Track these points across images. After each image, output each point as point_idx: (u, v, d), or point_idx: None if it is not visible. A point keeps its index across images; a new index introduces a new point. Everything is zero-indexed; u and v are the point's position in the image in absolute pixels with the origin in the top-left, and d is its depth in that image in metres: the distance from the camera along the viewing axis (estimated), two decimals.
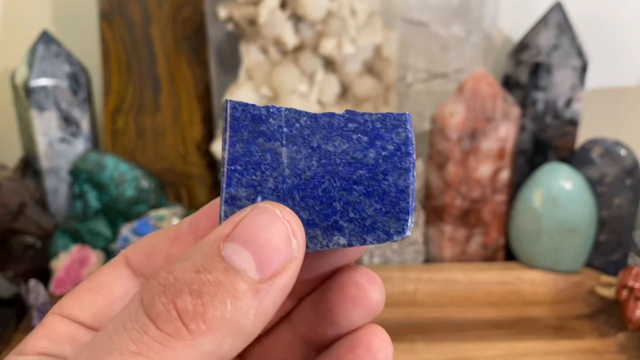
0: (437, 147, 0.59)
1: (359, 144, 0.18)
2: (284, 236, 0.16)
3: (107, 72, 0.63)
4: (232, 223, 0.16)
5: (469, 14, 0.61)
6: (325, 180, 0.18)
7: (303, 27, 0.60)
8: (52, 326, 0.19)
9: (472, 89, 0.57)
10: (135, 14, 0.62)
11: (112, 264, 0.20)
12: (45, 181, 0.61)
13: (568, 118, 0.61)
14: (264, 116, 0.18)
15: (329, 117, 0.18)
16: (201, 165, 0.67)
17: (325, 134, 0.18)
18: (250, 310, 0.15)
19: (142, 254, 0.20)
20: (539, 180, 0.58)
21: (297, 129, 0.18)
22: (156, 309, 0.15)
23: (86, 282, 0.20)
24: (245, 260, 0.15)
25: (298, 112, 0.18)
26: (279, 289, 0.16)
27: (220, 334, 0.15)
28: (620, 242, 0.61)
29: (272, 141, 0.18)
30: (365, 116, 0.18)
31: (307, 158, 0.18)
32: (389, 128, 0.18)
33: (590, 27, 0.66)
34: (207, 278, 0.15)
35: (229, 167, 0.18)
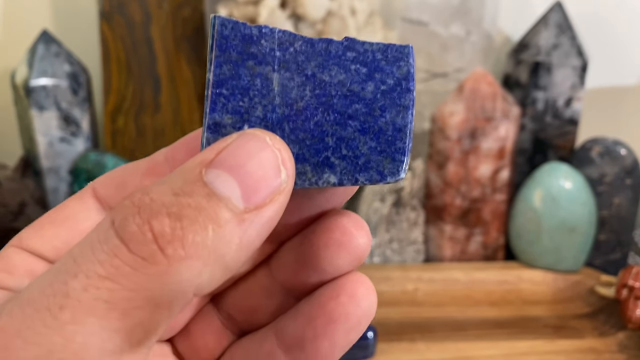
0: (437, 147, 0.59)
1: (357, 76, 0.17)
2: (273, 165, 0.15)
3: (107, 71, 0.63)
4: (216, 149, 0.15)
5: (468, 14, 0.61)
6: (318, 112, 0.16)
7: (303, 26, 0.60)
8: (9, 258, 0.17)
9: (472, 88, 0.57)
10: (135, 13, 0.62)
11: (77, 196, 0.19)
12: (45, 181, 0.61)
13: (568, 117, 0.61)
14: (256, 36, 0.16)
15: (327, 43, 0.17)
16: None
17: (321, 61, 0.17)
18: (233, 239, 0.14)
19: (112, 185, 0.18)
20: (539, 180, 0.58)
21: (290, 53, 0.17)
22: (129, 229, 0.13)
23: (49, 213, 0.18)
24: (229, 187, 0.14)
25: (293, 35, 0.17)
26: (264, 220, 0.15)
27: (199, 262, 0.13)
28: (620, 242, 0.61)
29: (262, 65, 0.16)
30: (366, 45, 0.17)
31: (300, 87, 0.17)
32: (390, 60, 0.17)
33: (590, 27, 0.66)
34: (187, 201, 0.14)
35: (214, 91, 0.16)
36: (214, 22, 0.16)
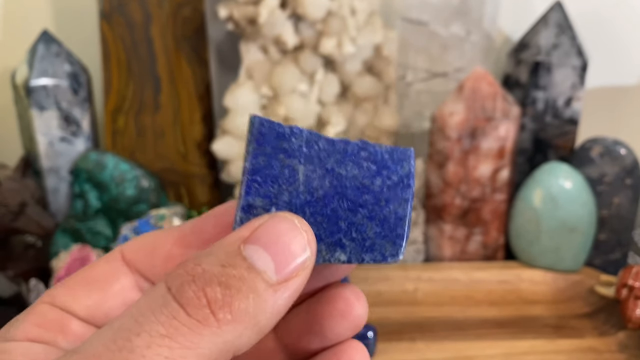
0: (437, 147, 0.59)
1: (368, 172, 0.20)
2: (301, 244, 0.17)
3: (107, 71, 0.63)
4: (251, 227, 0.17)
5: (468, 14, 0.61)
6: (334, 200, 0.19)
7: (303, 26, 0.60)
8: (43, 314, 0.19)
9: (472, 88, 0.57)
10: (136, 13, 0.62)
11: (107, 258, 0.20)
12: (45, 181, 0.61)
13: (568, 117, 0.61)
14: (287, 135, 0.20)
15: (345, 143, 0.20)
16: (201, 164, 0.67)
17: (339, 158, 0.20)
18: (267, 307, 0.16)
19: (142, 251, 0.20)
20: (539, 180, 0.58)
21: (315, 150, 0.20)
22: (186, 295, 0.16)
23: (80, 274, 0.20)
24: (265, 261, 0.17)
25: (318, 135, 0.20)
26: (291, 291, 0.17)
27: (241, 326, 0.16)
28: (620, 241, 0.61)
29: (291, 158, 0.19)
30: (377, 147, 0.20)
31: (321, 178, 0.19)
32: (395, 160, 0.20)
33: (590, 26, 0.66)
34: (232, 272, 0.16)
35: (249, 177, 0.19)
36: (253, 121, 0.19)
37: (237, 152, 0.64)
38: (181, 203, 0.66)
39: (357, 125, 0.64)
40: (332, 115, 0.62)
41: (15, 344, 0.18)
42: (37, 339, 0.18)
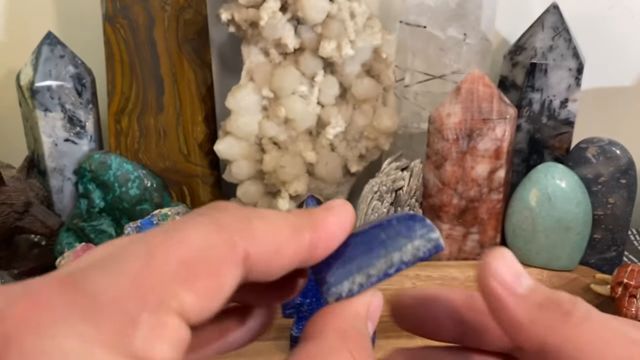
0: (434, 147, 0.59)
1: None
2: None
3: (111, 73, 0.64)
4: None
5: (466, 17, 0.62)
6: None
7: (303, 29, 0.61)
8: (175, 330, 0.16)
9: (469, 89, 0.58)
10: (139, 16, 0.63)
11: (232, 259, 0.17)
12: (50, 180, 0.62)
13: (564, 118, 0.62)
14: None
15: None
16: (204, 164, 0.68)
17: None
18: None
19: (264, 254, 0.18)
20: (535, 180, 0.59)
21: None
22: None
23: (208, 276, 0.17)
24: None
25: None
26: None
27: None
28: (615, 240, 0.61)
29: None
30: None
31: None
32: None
33: (586, 29, 0.67)
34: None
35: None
36: None
37: (239, 152, 0.65)
38: (184, 203, 0.67)
39: (356, 127, 0.64)
40: (331, 117, 0.63)
41: None
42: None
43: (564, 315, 0.20)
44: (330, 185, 0.66)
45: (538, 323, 0.20)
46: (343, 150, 0.65)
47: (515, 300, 0.21)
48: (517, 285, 0.21)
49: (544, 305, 0.21)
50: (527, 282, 0.21)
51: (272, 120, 0.63)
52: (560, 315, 0.20)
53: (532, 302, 0.21)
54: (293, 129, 0.63)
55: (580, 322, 0.20)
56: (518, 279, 0.21)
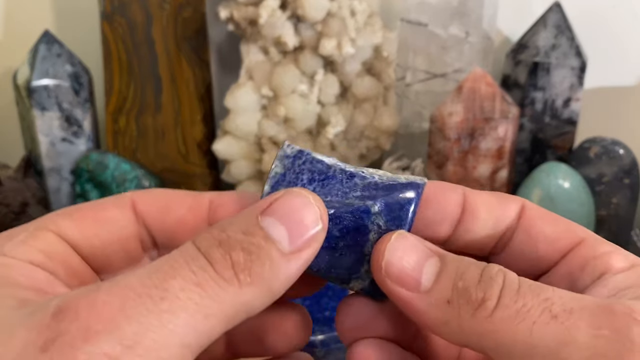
0: (436, 147, 0.59)
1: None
2: (313, 218, 0.19)
3: (108, 72, 0.64)
4: (269, 200, 0.19)
5: (467, 15, 0.62)
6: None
7: (303, 27, 0.60)
8: (48, 242, 0.19)
9: (470, 88, 0.57)
10: (137, 14, 0.63)
11: (118, 202, 0.21)
12: (47, 181, 0.62)
13: (566, 118, 0.62)
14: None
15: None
16: (202, 164, 0.67)
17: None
18: (280, 274, 0.18)
19: (155, 207, 0.21)
20: (538, 180, 0.59)
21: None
22: (215, 256, 0.17)
23: (88, 209, 0.20)
24: (280, 232, 0.18)
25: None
26: (302, 262, 0.18)
27: (257, 289, 0.17)
28: (619, 241, 0.61)
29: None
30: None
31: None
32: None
33: (589, 27, 0.67)
34: (252, 240, 0.18)
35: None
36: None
37: (238, 152, 0.64)
38: None
39: (356, 126, 0.64)
40: (331, 116, 0.63)
41: (14, 261, 0.18)
42: (41, 265, 0.18)
43: (473, 309, 0.17)
44: None
45: (451, 323, 0.18)
46: (343, 150, 0.64)
47: (420, 300, 0.18)
48: (417, 280, 0.18)
49: (452, 300, 0.18)
50: (430, 270, 0.19)
51: (272, 120, 0.63)
52: (470, 309, 0.17)
53: (439, 299, 0.18)
54: (293, 128, 0.63)
55: (490, 313, 0.17)
56: (418, 272, 0.19)
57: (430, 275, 0.18)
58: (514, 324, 0.17)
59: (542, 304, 0.17)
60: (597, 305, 0.17)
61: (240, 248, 0.17)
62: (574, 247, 0.20)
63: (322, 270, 0.20)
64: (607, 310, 0.16)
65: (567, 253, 0.20)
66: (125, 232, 0.21)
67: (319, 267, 0.21)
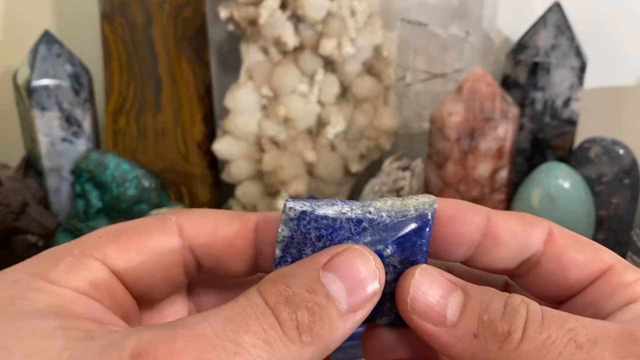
0: (436, 147, 0.59)
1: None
2: (372, 279, 0.19)
3: (108, 72, 0.64)
4: (330, 254, 0.19)
5: (467, 15, 0.62)
6: None
7: (303, 27, 0.60)
8: (94, 271, 0.19)
9: (471, 88, 0.57)
10: (136, 14, 0.63)
11: (163, 228, 0.20)
12: (47, 181, 0.62)
13: (566, 118, 0.62)
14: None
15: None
16: (202, 164, 0.67)
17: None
18: (337, 334, 0.18)
19: (203, 230, 0.21)
20: (538, 180, 0.59)
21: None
22: (282, 315, 0.17)
23: (134, 236, 0.20)
24: (340, 291, 0.18)
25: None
26: (356, 322, 0.18)
27: (315, 349, 0.18)
28: (619, 241, 0.61)
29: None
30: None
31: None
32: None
33: (589, 27, 0.67)
34: (316, 300, 0.18)
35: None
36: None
37: (238, 152, 0.64)
38: (182, 203, 0.67)
39: (356, 126, 0.64)
40: (331, 116, 0.63)
41: (67, 291, 0.18)
42: (88, 294, 0.18)
43: (499, 342, 0.18)
44: (330, 185, 0.66)
45: (478, 356, 0.18)
46: (343, 150, 0.64)
47: (447, 334, 0.19)
48: (443, 315, 0.19)
49: (479, 334, 0.18)
50: (454, 304, 0.19)
51: (272, 120, 0.63)
52: (496, 342, 0.18)
53: (466, 332, 0.18)
54: (293, 128, 0.63)
55: (517, 345, 0.18)
56: (443, 306, 0.19)
57: (455, 309, 0.19)
58: (541, 355, 0.17)
59: (566, 335, 0.17)
60: (621, 333, 0.17)
61: (305, 307, 0.17)
62: (602, 274, 0.21)
63: None
64: (631, 337, 0.17)
65: (595, 280, 0.21)
66: (169, 260, 0.20)
67: None
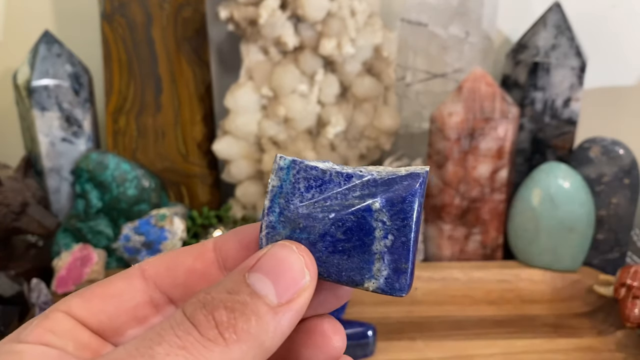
0: (436, 147, 0.59)
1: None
2: (298, 269, 0.19)
3: (108, 72, 0.64)
4: (256, 257, 0.19)
5: (467, 15, 0.62)
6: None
7: (303, 27, 0.60)
8: (57, 321, 0.20)
9: (471, 88, 0.57)
10: (136, 14, 0.63)
11: (126, 275, 0.22)
12: (47, 180, 0.62)
13: (566, 118, 0.62)
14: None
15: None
16: (202, 164, 0.67)
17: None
18: (269, 328, 0.18)
19: (163, 267, 0.22)
20: (538, 180, 0.59)
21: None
22: (198, 318, 0.18)
23: (97, 287, 0.21)
24: (266, 287, 0.18)
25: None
26: (293, 312, 0.19)
27: (246, 346, 0.18)
28: (618, 241, 0.61)
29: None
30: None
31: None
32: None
33: (589, 27, 0.67)
34: (237, 298, 0.18)
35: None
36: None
37: (238, 152, 0.64)
38: (182, 203, 0.67)
39: (356, 126, 0.64)
40: (332, 116, 0.63)
41: (27, 346, 0.19)
42: (49, 344, 0.19)
43: None
44: None
45: None
46: (343, 150, 0.64)
47: None
48: None
49: None
50: None
51: (272, 120, 0.63)
52: None
53: None
54: (293, 128, 0.63)
55: None
56: None
57: None
58: None
59: None
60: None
61: (223, 307, 0.18)
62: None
63: (334, 275, 0.20)
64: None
65: None
66: (133, 302, 0.21)
67: (330, 273, 0.20)
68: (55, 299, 0.54)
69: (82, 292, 0.21)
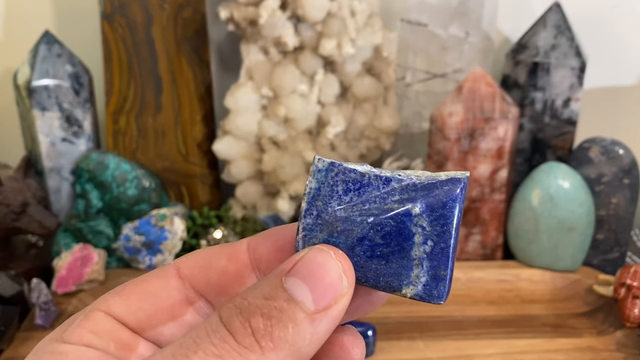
0: (436, 147, 0.59)
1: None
2: (336, 274, 0.19)
3: (108, 72, 0.64)
4: (293, 261, 0.19)
5: (467, 15, 0.62)
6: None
7: (303, 27, 0.60)
8: (98, 322, 0.20)
9: (470, 88, 0.57)
10: (137, 14, 0.63)
11: (162, 273, 0.22)
12: (47, 180, 0.62)
13: (566, 118, 0.62)
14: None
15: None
16: (202, 164, 0.67)
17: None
18: (306, 335, 0.18)
19: (197, 267, 0.22)
20: (537, 180, 0.59)
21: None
22: (234, 325, 0.18)
23: (134, 286, 0.22)
24: (303, 292, 0.18)
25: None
26: (330, 319, 0.18)
27: (282, 353, 0.18)
28: (618, 241, 0.61)
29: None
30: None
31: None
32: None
33: (589, 27, 0.67)
34: (273, 304, 0.18)
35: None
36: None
37: (238, 152, 0.64)
38: (182, 203, 0.67)
39: (356, 126, 0.64)
40: (332, 116, 0.63)
41: (70, 347, 0.19)
42: (91, 344, 0.20)
43: None
44: None
45: None
46: (343, 150, 0.64)
47: None
48: None
49: None
50: None
51: (272, 120, 0.63)
52: None
53: None
54: (293, 128, 0.63)
55: None
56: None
57: None
58: None
59: None
60: None
61: (259, 313, 0.18)
62: None
63: (371, 281, 0.20)
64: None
65: None
66: (169, 300, 0.21)
67: (367, 278, 0.20)
68: (56, 299, 0.54)
69: (119, 290, 0.21)
